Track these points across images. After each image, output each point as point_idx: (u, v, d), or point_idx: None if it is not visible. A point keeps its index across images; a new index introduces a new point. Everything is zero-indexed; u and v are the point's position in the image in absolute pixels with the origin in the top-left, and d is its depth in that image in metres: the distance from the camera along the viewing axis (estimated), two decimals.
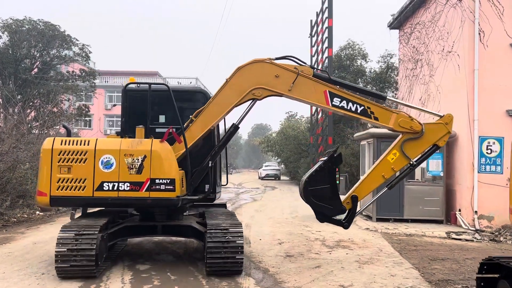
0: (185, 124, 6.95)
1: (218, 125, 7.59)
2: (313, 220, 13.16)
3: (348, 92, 6.81)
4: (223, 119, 7.29)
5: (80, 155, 6.55)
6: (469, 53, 11.81)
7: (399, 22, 17.44)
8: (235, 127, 7.08)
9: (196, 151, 7.03)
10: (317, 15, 16.34)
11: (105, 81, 51.58)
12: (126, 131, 7.18)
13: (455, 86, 12.46)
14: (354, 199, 6.67)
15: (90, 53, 23.17)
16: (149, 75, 56.29)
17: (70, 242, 6.12)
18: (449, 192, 12.61)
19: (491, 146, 11.62)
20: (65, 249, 6.08)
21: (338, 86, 6.88)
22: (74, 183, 6.50)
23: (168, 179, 6.49)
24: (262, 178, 42.94)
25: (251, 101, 6.86)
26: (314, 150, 17.66)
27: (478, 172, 11.58)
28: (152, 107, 7.11)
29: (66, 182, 6.50)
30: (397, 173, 7.06)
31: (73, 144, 6.63)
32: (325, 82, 6.74)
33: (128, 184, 6.49)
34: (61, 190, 6.50)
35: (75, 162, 6.54)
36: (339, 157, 6.63)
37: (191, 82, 54.47)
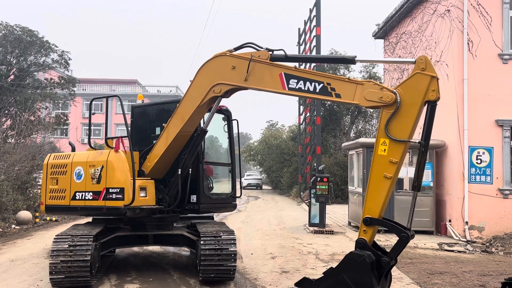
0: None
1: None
2: (301, 232, 12.96)
3: (306, 70, 5.98)
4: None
5: (63, 168, 7.23)
6: (458, 63, 11.81)
7: (384, 31, 17.48)
8: (202, 131, 6.82)
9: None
10: (305, 23, 16.22)
11: (83, 89, 50.56)
12: (134, 144, 7.42)
13: (444, 96, 12.32)
14: (371, 221, 5.28)
15: (69, 59, 22.53)
16: (128, 83, 55.55)
17: (64, 253, 6.08)
18: (439, 202, 12.52)
19: (481, 156, 11.59)
20: (59, 261, 6.04)
21: (296, 65, 6.08)
22: (59, 193, 7.18)
23: (118, 188, 6.69)
24: (243, 188, 42.55)
25: (217, 100, 6.42)
26: (303, 160, 17.42)
27: (469, 182, 11.53)
28: (151, 120, 7.53)
29: (54, 193, 7.24)
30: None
31: (59, 159, 7.38)
32: (281, 63, 5.90)
33: (91, 194, 6.89)
34: (51, 199, 7.27)
35: (60, 175, 7.24)
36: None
37: (171, 91, 53.87)
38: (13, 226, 12.63)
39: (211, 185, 7.91)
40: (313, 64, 13.83)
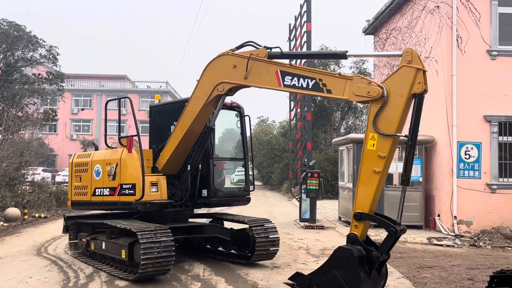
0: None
1: (214, 129, 7.54)
2: (292, 227, 13.00)
3: (300, 66, 6.17)
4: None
5: (84, 166, 7.97)
6: (447, 59, 11.90)
7: (374, 27, 17.54)
8: (208, 129, 7.18)
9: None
10: (296, 19, 16.21)
11: (72, 85, 50.03)
12: (152, 142, 8.13)
13: (433, 92, 12.47)
14: (361, 216, 5.26)
15: (58, 55, 22.26)
16: (117, 79, 55.09)
17: (155, 245, 6.27)
18: (428, 197, 12.64)
19: (469, 151, 11.71)
20: (153, 254, 6.22)
21: (290, 62, 6.52)
22: (82, 189, 7.92)
23: (130, 184, 7.16)
24: (234, 184, 42.43)
25: (221, 98, 6.74)
26: (294, 155, 17.46)
27: (457, 177, 11.65)
28: (167, 119, 7.86)
29: (78, 189, 8.01)
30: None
31: (82, 158, 8.17)
32: (278, 61, 6.12)
33: (108, 190, 7.47)
34: (76, 195, 8.05)
35: (82, 172, 7.99)
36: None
37: (161, 86, 53.54)
38: (1, 223, 12.49)
39: (224, 180, 8.38)
40: (303, 60, 13.84)
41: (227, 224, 8.52)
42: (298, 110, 17.33)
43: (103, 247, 7.34)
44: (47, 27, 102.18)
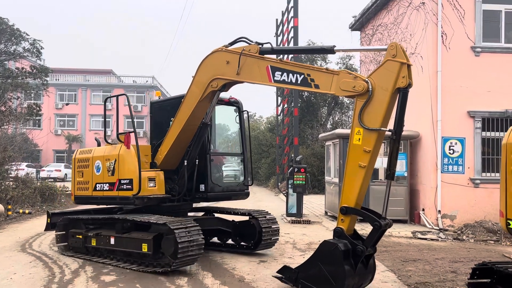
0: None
1: (210, 125, 7.77)
2: (279, 222, 13.01)
3: (289, 62, 6.24)
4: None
5: (86, 162, 8.12)
6: (432, 55, 12.02)
7: (360, 23, 17.62)
8: (204, 125, 7.31)
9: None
10: (283, 14, 16.19)
11: (56, 79, 49.33)
12: (153, 138, 8.32)
13: (418, 88, 12.63)
14: (347, 210, 5.35)
15: (42, 48, 21.90)
16: (103, 73, 54.50)
17: (187, 237, 6.49)
18: (413, 192, 12.80)
19: (453, 146, 11.88)
20: (186, 244, 6.43)
21: (280, 57, 6.62)
22: (84, 184, 8.09)
23: (128, 179, 7.31)
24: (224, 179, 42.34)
25: (215, 94, 6.88)
26: (281, 151, 17.49)
27: (441, 172, 11.81)
28: (167, 114, 7.90)
29: (80, 184, 8.17)
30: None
31: (83, 154, 8.34)
32: (268, 56, 6.24)
33: (108, 185, 7.63)
34: (79, 190, 8.22)
35: (84, 168, 8.14)
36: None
37: (147, 81, 53.12)
38: None
39: (222, 175, 8.51)
40: (290, 56, 13.87)
41: (225, 217, 8.78)
42: (285, 105, 17.37)
43: (112, 242, 7.32)
44: (28, 21, 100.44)
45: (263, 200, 20.79)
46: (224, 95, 7.93)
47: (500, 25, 12.16)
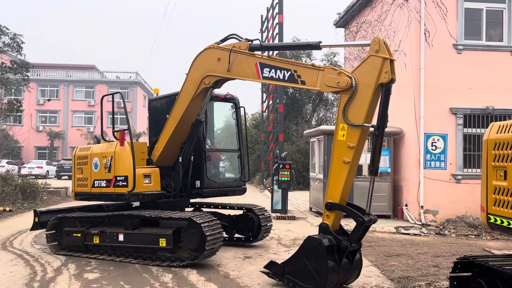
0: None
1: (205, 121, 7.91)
2: None
3: (277, 58, 6.30)
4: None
5: (85, 159, 8.18)
6: (415, 52, 12.15)
7: (345, 20, 17.73)
8: (198, 121, 7.40)
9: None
10: (268, 10, 16.18)
11: (37, 75, 48.49)
12: (151, 135, 8.39)
13: (402, 85, 12.78)
14: (331, 206, 5.39)
15: (22, 43, 21.44)
16: (85, 69, 53.78)
17: (212, 231, 6.70)
18: (396, 187, 12.95)
19: (436, 142, 12.04)
20: (213, 236, 6.68)
21: (266, 53, 6.75)
22: (83, 181, 8.15)
23: (123, 176, 7.38)
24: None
25: (208, 91, 7.01)
26: (266, 147, 17.51)
27: (424, 168, 11.97)
28: (165, 111, 7.78)
29: (80, 181, 8.21)
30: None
31: (83, 151, 8.37)
32: (257, 53, 6.33)
33: (105, 181, 7.69)
34: (78, 187, 8.27)
35: (83, 165, 8.20)
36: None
37: (130, 77, 52.60)
38: None
39: (218, 171, 8.66)
40: (275, 52, 13.87)
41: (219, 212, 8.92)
42: (270, 102, 17.38)
43: (121, 239, 7.31)
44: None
45: (248, 196, 20.68)
46: (220, 91, 8.08)
47: (481, 23, 12.34)
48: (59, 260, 7.43)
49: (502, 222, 4.08)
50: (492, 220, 4.24)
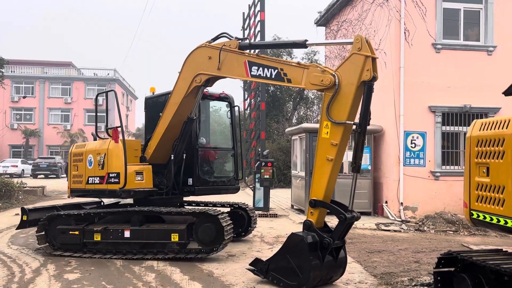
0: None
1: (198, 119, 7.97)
2: None
3: (265, 56, 6.34)
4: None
5: (80, 156, 8.21)
6: (395, 51, 12.31)
7: (326, 19, 17.83)
8: (189, 119, 7.45)
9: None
10: (249, 7, 16.13)
11: (12, 71, 47.26)
12: (147, 133, 8.37)
13: (382, 83, 12.90)
14: (315, 203, 5.41)
15: None
16: (62, 65, 52.71)
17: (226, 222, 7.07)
18: (376, 185, 13.10)
19: (415, 140, 12.23)
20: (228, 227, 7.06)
21: (257, 51, 6.90)
22: (78, 178, 8.18)
23: (115, 172, 7.47)
24: None
25: (199, 89, 7.09)
26: (247, 145, 17.48)
27: (404, 165, 12.14)
28: (161, 110, 7.74)
29: (76, 178, 8.25)
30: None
31: (78, 148, 8.44)
32: (246, 52, 6.41)
33: (98, 178, 7.76)
34: (74, 184, 8.30)
35: (79, 162, 8.23)
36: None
37: (108, 74, 51.79)
38: None
39: (211, 169, 8.64)
40: (257, 50, 13.84)
41: None
42: (252, 100, 17.36)
43: (127, 235, 7.29)
44: None
45: (230, 194, 20.71)
46: (215, 90, 8.20)
47: (459, 23, 12.58)
48: (38, 260, 7.25)
49: (485, 217, 4.15)
50: (475, 216, 4.32)
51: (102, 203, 9.18)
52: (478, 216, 4.26)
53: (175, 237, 7.08)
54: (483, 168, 4.21)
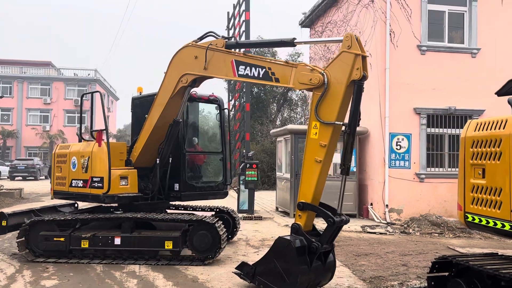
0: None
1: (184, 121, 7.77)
2: None
3: (252, 55, 6.16)
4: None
5: (64, 158, 7.97)
6: (380, 53, 12.26)
7: (310, 20, 17.75)
8: (175, 122, 7.19)
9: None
10: (234, 7, 15.93)
11: None
12: (133, 135, 8.10)
13: (367, 85, 12.80)
14: (303, 206, 5.23)
15: None
16: (41, 65, 51.61)
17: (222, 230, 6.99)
18: (362, 187, 13.03)
19: (400, 142, 12.20)
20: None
21: (243, 51, 6.76)
22: (62, 180, 7.96)
23: (99, 177, 7.19)
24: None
25: (186, 90, 6.90)
26: (232, 147, 17.30)
27: (389, 167, 12.09)
28: (148, 111, 7.47)
29: (59, 179, 8.02)
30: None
31: (62, 149, 8.18)
32: (233, 51, 6.25)
33: (81, 181, 7.52)
34: (57, 185, 8.07)
35: (62, 164, 8.00)
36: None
37: (89, 74, 50.90)
38: None
39: (198, 174, 8.40)
40: (242, 50, 13.66)
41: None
42: (237, 100, 17.16)
43: (117, 242, 7.00)
44: None
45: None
46: (204, 92, 7.97)
47: (444, 25, 12.62)
48: (13, 266, 6.91)
49: (481, 220, 4.04)
50: (470, 219, 4.21)
51: (76, 206, 8.91)
52: (474, 219, 4.15)
53: (169, 245, 6.86)
54: (479, 170, 4.10)
